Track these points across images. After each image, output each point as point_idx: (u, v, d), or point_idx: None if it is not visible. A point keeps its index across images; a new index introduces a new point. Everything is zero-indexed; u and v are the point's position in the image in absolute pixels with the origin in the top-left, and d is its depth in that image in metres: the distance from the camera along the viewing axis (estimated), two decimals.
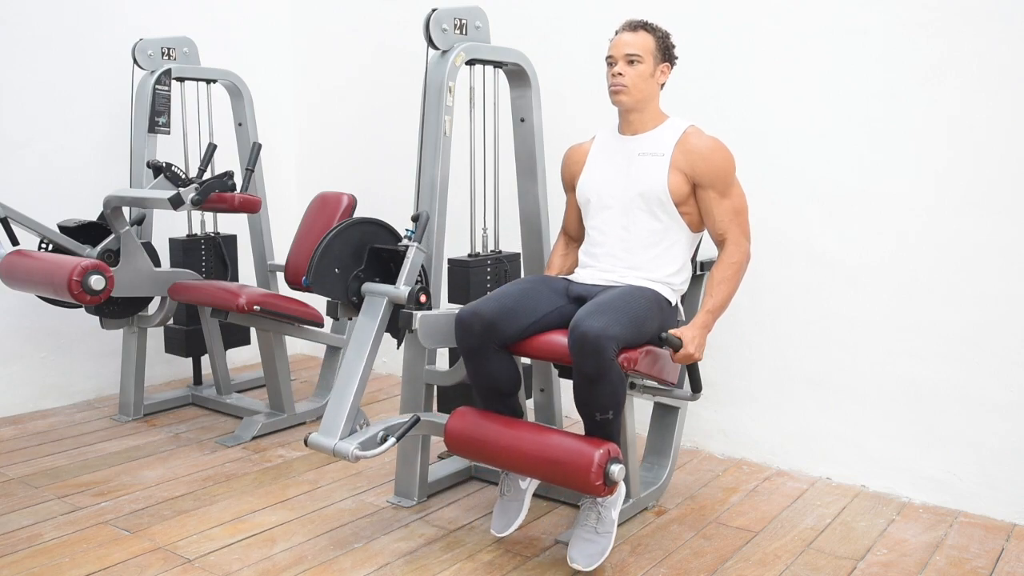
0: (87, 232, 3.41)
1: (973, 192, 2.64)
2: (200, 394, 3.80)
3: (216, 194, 3.09)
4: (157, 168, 3.30)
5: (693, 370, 2.43)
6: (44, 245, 3.35)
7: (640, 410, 2.99)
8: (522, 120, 2.94)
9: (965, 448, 2.72)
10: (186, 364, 4.13)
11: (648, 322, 2.31)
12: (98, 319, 3.58)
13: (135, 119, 3.59)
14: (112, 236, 3.30)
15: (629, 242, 2.49)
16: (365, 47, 4.26)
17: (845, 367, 2.93)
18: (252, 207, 3.27)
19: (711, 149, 2.43)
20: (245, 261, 4.10)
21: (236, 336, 3.84)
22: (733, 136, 2.68)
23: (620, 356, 2.23)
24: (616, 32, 2.49)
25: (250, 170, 3.48)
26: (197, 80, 3.76)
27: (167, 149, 3.75)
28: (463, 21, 2.68)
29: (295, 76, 4.61)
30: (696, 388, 2.47)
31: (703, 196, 2.45)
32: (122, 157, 3.72)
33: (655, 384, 2.52)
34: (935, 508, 2.75)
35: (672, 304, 2.49)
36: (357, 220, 2.59)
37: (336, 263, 2.52)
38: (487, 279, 2.95)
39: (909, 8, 2.70)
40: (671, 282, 2.48)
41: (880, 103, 2.78)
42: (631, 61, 2.43)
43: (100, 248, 3.29)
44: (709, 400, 3.17)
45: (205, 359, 3.95)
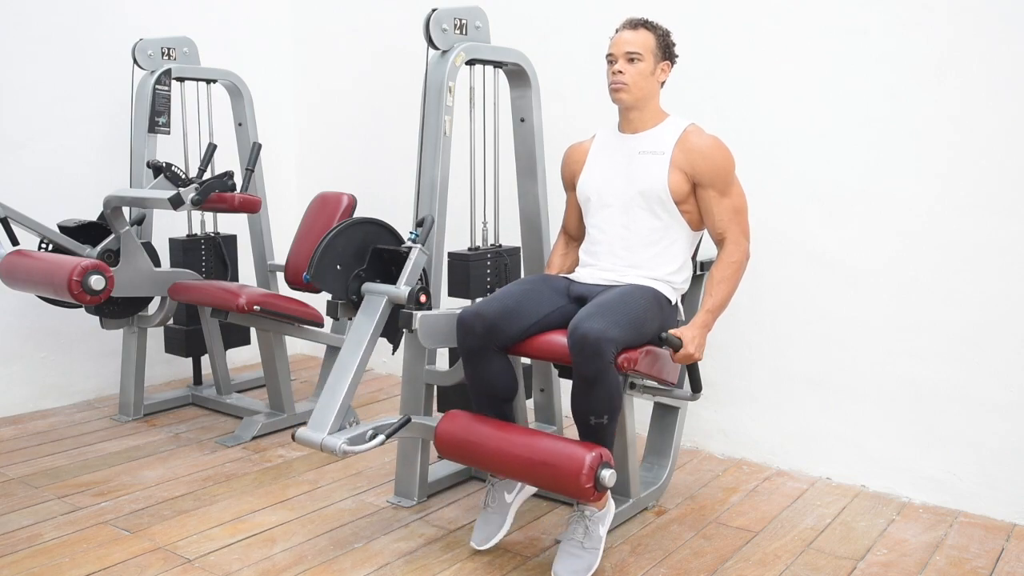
0: (87, 232, 3.40)
1: (973, 192, 2.64)
2: (200, 394, 3.79)
3: (216, 194, 3.09)
4: (157, 168, 3.30)
5: (693, 370, 2.42)
6: (44, 245, 3.35)
7: (640, 410, 2.99)
8: (522, 120, 2.94)
9: (965, 448, 2.72)
10: (186, 364, 4.13)
11: (648, 322, 2.31)
12: (98, 319, 3.58)
13: (135, 119, 3.59)
14: (112, 236, 3.30)
15: (629, 240, 2.49)
16: (365, 47, 4.26)
17: (845, 367, 2.93)
18: (252, 207, 3.27)
19: (711, 148, 2.43)
20: (245, 261, 4.10)
21: (236, 336, 3.83)
22: (733, 136, 2.68)
23: (620, 357, 2.23)
24: (616, 30, 2.49)
25: (250, 170, 3.48)
26: (197, 80, 3.76)
27: (167, 149, 3.75)
28: (463, 21, 2.68)
29: (295, 76, 4.61)
30: (696, 388, 2.47)
31: (703, 195, 2.45)
32: (122, 157, 3.72)
33: (655, 384, 2.51)
34: (935, 508, 2.75)
35: (672, 303, 2.49)
36: (361, 219, 2.59)
37: (338, 260, 2.51)
38: (487, 273, 2.94)
39: (909, 8, 2.70)
40: (672, 280, 2.48)
41: (880, 103, 2.78)
42: (631, 59, 2.43)
43: (100, 248, 3.29)
44: (709, 400, 3.17)
45: (205, 359, 3.95)
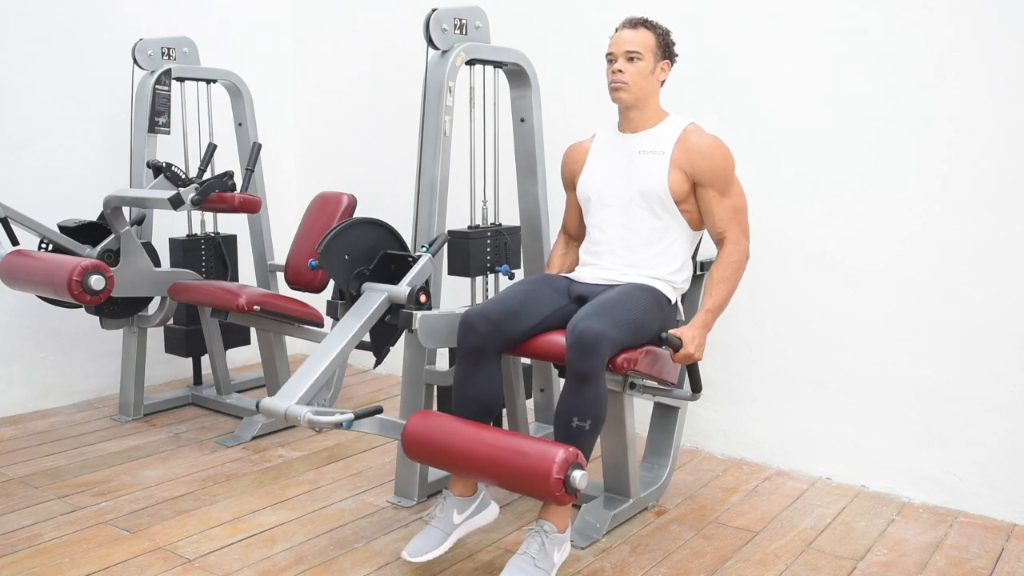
0: (87, 232, 3.40)
1: (973, 192, 2.64)
2: (200, 394, 3.79)
3: (216, 194, 3.09)
4: (157, 168, 3.30)
5: (693, 370, 2.42)
6: (44, 245, 3.35)
7: (640, 410, 2.99)
8: (522, 120, 2.94)
9: (965, 448, 2.71)
10: (186, 364, 4.13)
11: (647, 322, 2.31)
12: (98, 319, 3.58)
13: (135, 119, 3.59)
14: (112, 236, 3.30)
15: (629, 240, 2.49)
16: (365, 47, 4.26)
17: (845, 367, 2.93)
18: (252, 207, 3.27)
19: (711, 147, 2.43)
20: (245, 261, 4.10)
21: (236, 336, 3.83)
22: (733, 136, 2.68)
23: (620, 357, 2.23)
24: (616, 29, 2.49)
25: (250, 170, 3.48)
26: (197, 80, 3.76)
27: (167, 149, 3.75)
28: (463, 21, 2.68)
29: (295, 76, 4.61)
30: (696, 388, 2.47)
31: (703, 195, 2.45)
32: (122, 157, 3.72)
33: (655, 384, 2.51)
34: (935, 508, 2.75)
35: (672, 302, 2.49)
36: (377, 221, 2.59)
37: (347, 250, 2.51)
38: (487, 251, 2.93)
39: (909, 8, 2.70)
40: (672, 280, 2.48)
41: (880, 103, 2.78)
42: (631, 58, 2.43)
43: (100, 248, 3.29)
44: (709, 400, 3.17)
45: (205, 359, 3.95)
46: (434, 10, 2.60)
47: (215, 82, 3.81)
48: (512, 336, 2.35)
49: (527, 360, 2.92)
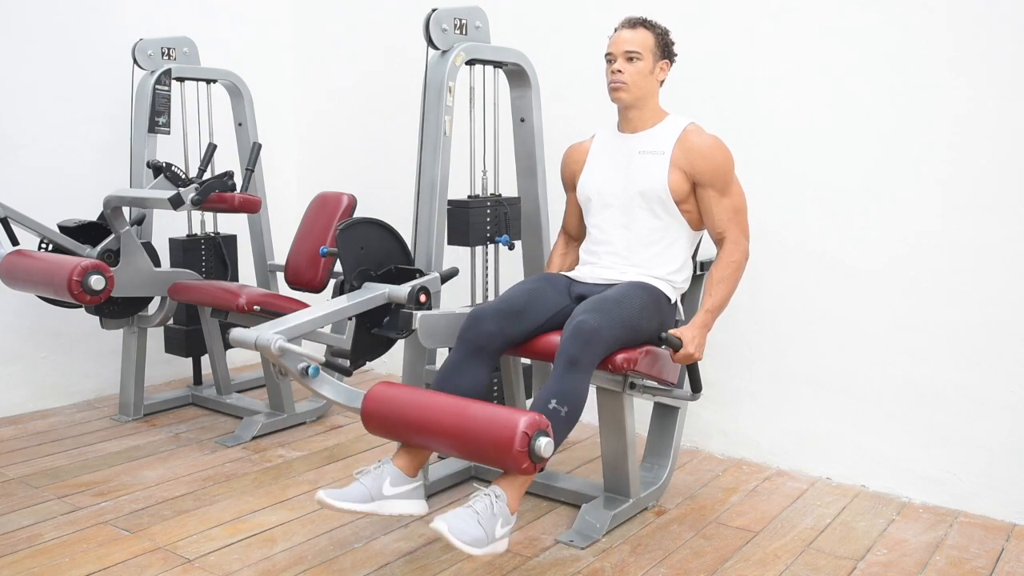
0: (87, 232, 3.40)
1: (974, 192, 2.64)
2: (200, 394, 3.79)
3: (216, 194, 3.09)
4: (157, 168, 3.30)
5: (693, 370, 2.42)
6: (44, 245, 3.35)
7: (640, 410, 2.99)
8: (522, 120, 2.94)
9: (965, 448, 2.71)
10: (186, 364, 4.13)
11: (645, 322, 2.32)
12: (98, 319, 3.58)
13: (135, 119, 3.59)
14: (112, 236, 3.30)
15: (630, 240, 2.50)
16: (365, 47, 4.26)
17: (845, 367, 2.93)
18: (252, 207, 3.27)
19: (711, 147, 2.43)
20: (245, 261, 4.09)
21: None
22: (733, 136, 2.68)
23: (619, 356, 2.23)
24: (615, 29, 2.49)
25: (250, 170, 3.48)
26: (197, 80, 3.76)
27: (167, 149, 3.75)
28: (463, 21, 2.68)
29: (295, 76, 4.61)
30: (696, 388, 2.47)
31: (702, 195, 2.45)
32: (122, 157, 3.72)
33: (655, 384, 2.51)
34: (935, 508, 2.75)
35: (671, 302, 2.49)
36: (398, 236, 2.64)
37: (364, 243, 2.52)
38: (487, 221, 2.91)
39: (910, 8, 2.70)
40: (672, 280, 2.48)
41: (881, 103, 2.78)
42: (630, 58, 2.43)
43: (100, 248, 3.29)
44: (709, 400, 3.17)
45: (205, 359, 3.95)
46: (434, 10, 2.60)
47: (215, 82, 3.81)
48: (515, 337, 2.35)
49: (527, 360, 2.92)
